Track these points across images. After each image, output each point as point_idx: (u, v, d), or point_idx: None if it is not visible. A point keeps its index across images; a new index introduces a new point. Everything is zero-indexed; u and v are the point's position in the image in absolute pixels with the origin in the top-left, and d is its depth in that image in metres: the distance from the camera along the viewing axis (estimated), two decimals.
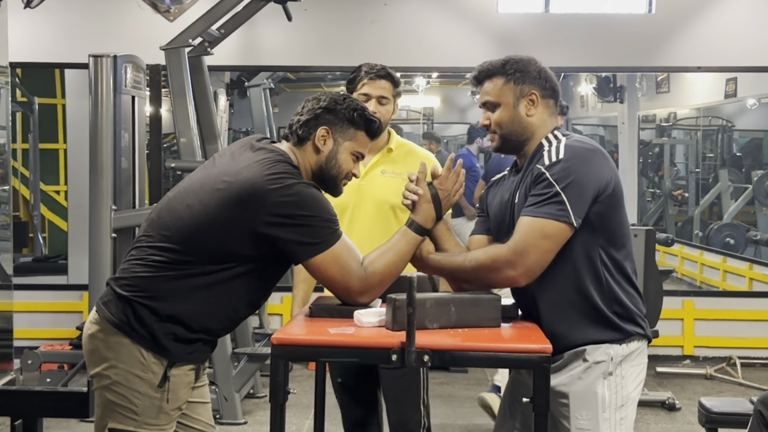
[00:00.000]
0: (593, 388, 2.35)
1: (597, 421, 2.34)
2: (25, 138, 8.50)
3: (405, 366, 2.09)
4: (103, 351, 2.32)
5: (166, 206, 2.39)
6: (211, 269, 2.29)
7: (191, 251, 2.29)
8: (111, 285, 2.37)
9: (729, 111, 10.16)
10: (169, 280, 2.29)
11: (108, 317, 2.32)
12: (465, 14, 6.34)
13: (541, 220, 2.27)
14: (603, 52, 6.41)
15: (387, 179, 3.05)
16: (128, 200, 5.10)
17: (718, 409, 4.03)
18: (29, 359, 5.38)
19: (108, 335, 2.32)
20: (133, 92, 5.10)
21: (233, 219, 2.26)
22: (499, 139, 2.47)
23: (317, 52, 6.33)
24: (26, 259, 8.30)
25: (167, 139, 8.01)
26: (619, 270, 2.39)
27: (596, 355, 2.35)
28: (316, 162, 2.42)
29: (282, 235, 2.26)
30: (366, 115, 2.45)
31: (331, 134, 2.42)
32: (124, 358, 2.30)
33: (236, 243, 2.28)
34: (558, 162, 2.32)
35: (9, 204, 5.77)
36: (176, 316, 2.29)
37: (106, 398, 2.33)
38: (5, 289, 5.41)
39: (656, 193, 10.75)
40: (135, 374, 2.29)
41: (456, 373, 5.93)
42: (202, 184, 2.35)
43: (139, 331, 2.29)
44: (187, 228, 2.30)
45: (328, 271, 2.31)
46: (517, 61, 2.48)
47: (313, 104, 2.44)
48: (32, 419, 2.87)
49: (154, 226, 2.37)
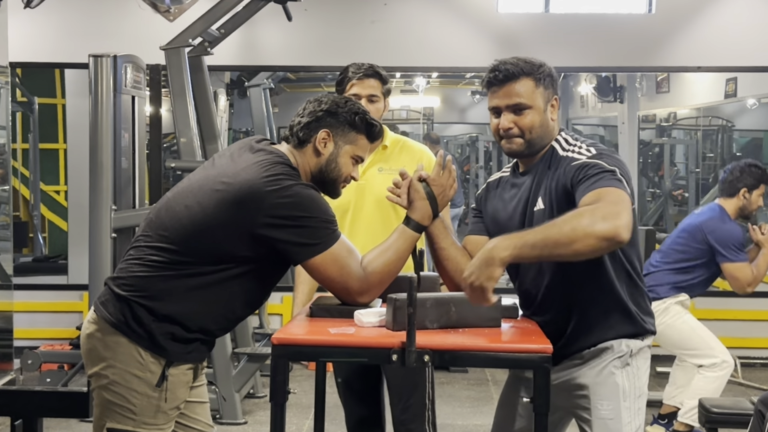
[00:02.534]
0: (613, 378, 2.38)
1: (619, 410, 2.37)
2: (25, 138, 8.49)
3: (405, 366, 2.10)
4: (100, 350, 2.32)
5: (164, 206, 2.39)
6: (209, 270, 2.29)
7: (189, 252, 2.29)
8: (109, 284, 2.37)
9: (729, 111, 10.15)
10: (167, 280, 2.29)
11: (106, 317, 2.32)
12: (465, 14, 6.34)
13: (608, 189, 2.16)
14: (603, 52, 6.40)
15: (384, 176, 3.05)
16: (128, 200, 5.10)
17: (718, 409, 4.04)
18: (29, 359, 5.38)
19: (106, 335, 2.32)
20: (133, 92, 5.10)
21: (231, 220, 2.26)
22: (526, 143, 2.40)
23: (317, 52, 6.32)
24: (26, 259, 8.30)
25: (167, 139, 8.00)
26: (635, 268, 2.44)
27: (617, 347, 2.39)
28: (316, 164, 2.43)
29: (280, 237, 2.26)
30: (367, 119, 2.45)
31: (331, 137, 2.42)
32: (122, 358, 2.30)
33: (234, 244, 2.28)
34: (598, 155, 2.30)
35: (9, 204, 5.77)
36: (173, 316, 2.29)
37: (104, 398, 2.33)
38: (5, 289, 5.41)
39: (656, 193, 10.74)
40: (133, 374, 2.29)
41: (456, 373, 5.93)
42: (201, 185, 2.35)
43: (136, 330, 2.29)
44: (184, 228, 2.30)
45: (328, 272, 2.31)
46: (539, 63, 2.43)
47: (315, 106, 2.44)
48: (32, 419, 2.87)
49: (152, 226, 2.37)
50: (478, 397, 5.48)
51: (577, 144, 2.39)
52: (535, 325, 2.37)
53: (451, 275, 2.48)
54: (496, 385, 5.66)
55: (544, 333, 2.28)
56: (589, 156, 2.31)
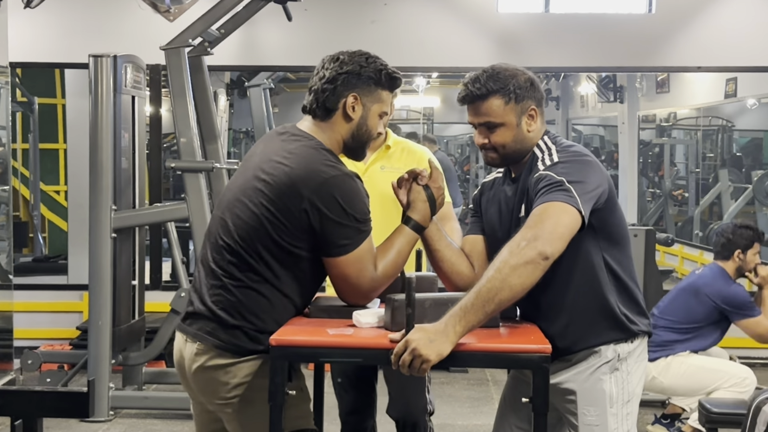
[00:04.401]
0: (600, 384, 2.37)
1: (605, 417, 2.37)
2: (25, 138, 8.49)
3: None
4: (222, 377, 2.31)
5: (218, 226, 2.36)
6: (284, 269, 2.29)
7: (261, 256, 2.27)
8: (211, 313, 2.32)
9: (729, 111, 10.16)
10: (259, 293, 2.29)
11: (219, 344, 2.30)
12: (465, 14, 6.34)
13: (552, 203, 2.19)
14: (603, 52, 6.40)
15: (387, 174, 3.07)
16: (128, 200, 5.10)
17: (718, 409, 4.04)
18: (29, 359, 5.38)
19: (223, 359, 2.30)
20: (133, 92, 5.10)
21: (284, 211, 2.25)
22: (500, 157, 2.43)
23: (317, 52, 6.20)
24: (26, 259, 8.30)
25: (167, 139, 8.02)
26: (624, 270, 2.41)
27: (604, 352, 2.38)
28: (347, 131, 2.39)
29: (318, 228, 2.25)
30: (392, 73, 2.42)
31: (359, 100, 2.38)
32: (244, 374, 2.30)
33: (294, 236, 2.26)
34: (556, 164, 2.31)
35: (9, 204, 5.77)
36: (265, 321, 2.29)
37: (246, 414, 2.31)
38: (5, 289, 5.41)
39: (656, 193, 10.75)
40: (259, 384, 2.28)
41: (456, 373, 5.93)
42: (243, 189, 2.33)
43: (250, 347, 2.28)
44: (248, 235, 2.28)
45: (347, 271, 2.30)
46: (511, 75, 2.39)
47: (337, 68, 2.38)
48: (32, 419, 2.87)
49: (217, 250, 2.34)
50: (478, 397, 5.48)
51: (551, 149, 2.39)
52: (534, 326, 2.37)
53: (447, 276, 2.49)
54: (496, 385, 5.66)
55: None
56: (547, 166, 2.32)
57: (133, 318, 5.22)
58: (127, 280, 5.08)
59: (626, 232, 2.45)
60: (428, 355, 2.05)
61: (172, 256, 5.82)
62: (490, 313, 2.10)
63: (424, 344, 2.05)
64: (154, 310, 5.79)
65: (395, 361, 2.08)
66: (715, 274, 4.52)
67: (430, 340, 2.05)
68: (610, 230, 2.37)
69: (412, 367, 2.06)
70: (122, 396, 4.96)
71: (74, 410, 2.79)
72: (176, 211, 5.07)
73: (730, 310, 4.44)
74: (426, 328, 2.08)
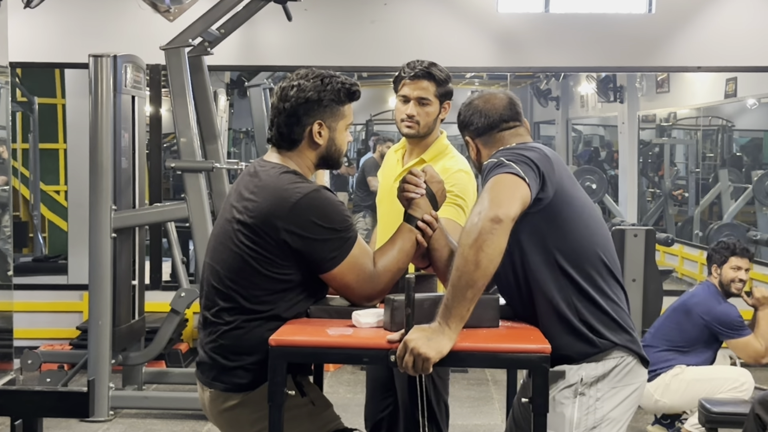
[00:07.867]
0: (561, 408, 2.32)
1: None
2: (25, 138, 8.49)
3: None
4: (240, 415, 2.34)
5: (209, 274, 2.38)
6: (278, 298, 2.31)
7: (254, 294, 2.30)
8: (211, 360, 2.36)
9: (729, 111, 10.15)
10: (252, 329, 2.30)
11: (225, 387, 2.34)
12: (465, 14, 6.34)
13: (490, 180, 2.21)
14: (603, 52, 6.41)
15: None
16: (128, 200, 5.10)
17: (718, 409, 4.04)
18: (29, 359, 5.39)
19: (234, 399, 2.34)
20: (133, 92, 5.10)
21: (264, 244, 2.27)
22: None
23: (317, 52, 6.32)
24: (26, 259, 8.30)
25: (167, 139, 8.00)
26: (590, 278, 2.32)
27: (568, 374, 2.32)
28: (316, 156, 2.41)
29: (303, 250, 2.27)
30: (350, 87, 2.40)
31: (324, 125, 2.38)
32: (258, 404, 2.30)
33: (281, 265, 2.28)
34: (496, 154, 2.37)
35: (9, 204, 5.77)
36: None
37: None
38: (5, 289, 5.41)
39: (656, 193, 10.74)
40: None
41: (456, 373, 5.93)
42: (223, 233, 2.35)
43: (253, 380, 2.31)
44: (238, 277, 2.30)
45: (345, 279, 2.32)
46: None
47: (295, 98, 2.37)
48: (32, 419, 2.87)
49: (209, 297, 2.37)
50: (478, 397, 5.48)
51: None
52: (533, 326, 2.36)
53: (445, 276, 2.48)
54: (496, 385, 5.66)
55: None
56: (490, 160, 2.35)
57: (133, 318, 5.22)
58: (127, 280, 5.08)
59: (593, 235, 2.35)
60: (428, 353, 2.05)
61: (172, 256, 5.83)
62: (472, 298, 2.09)
63: (422, 343, 2.06)
64: (154, 310, 5.80)
65: (399, 364, 2.09)
66: (706, 293, 4.56)
67: (428, 339, 2.07)
68: (564, 229, 2.31)
69: (416, 367, 2.07)
70: (122, 396, 4.97)
71: (74, 410, 2.79)
72: (176, 211, 5.08)
73: (719, 329, 4.46)
74: (423, 328, 2.09)
